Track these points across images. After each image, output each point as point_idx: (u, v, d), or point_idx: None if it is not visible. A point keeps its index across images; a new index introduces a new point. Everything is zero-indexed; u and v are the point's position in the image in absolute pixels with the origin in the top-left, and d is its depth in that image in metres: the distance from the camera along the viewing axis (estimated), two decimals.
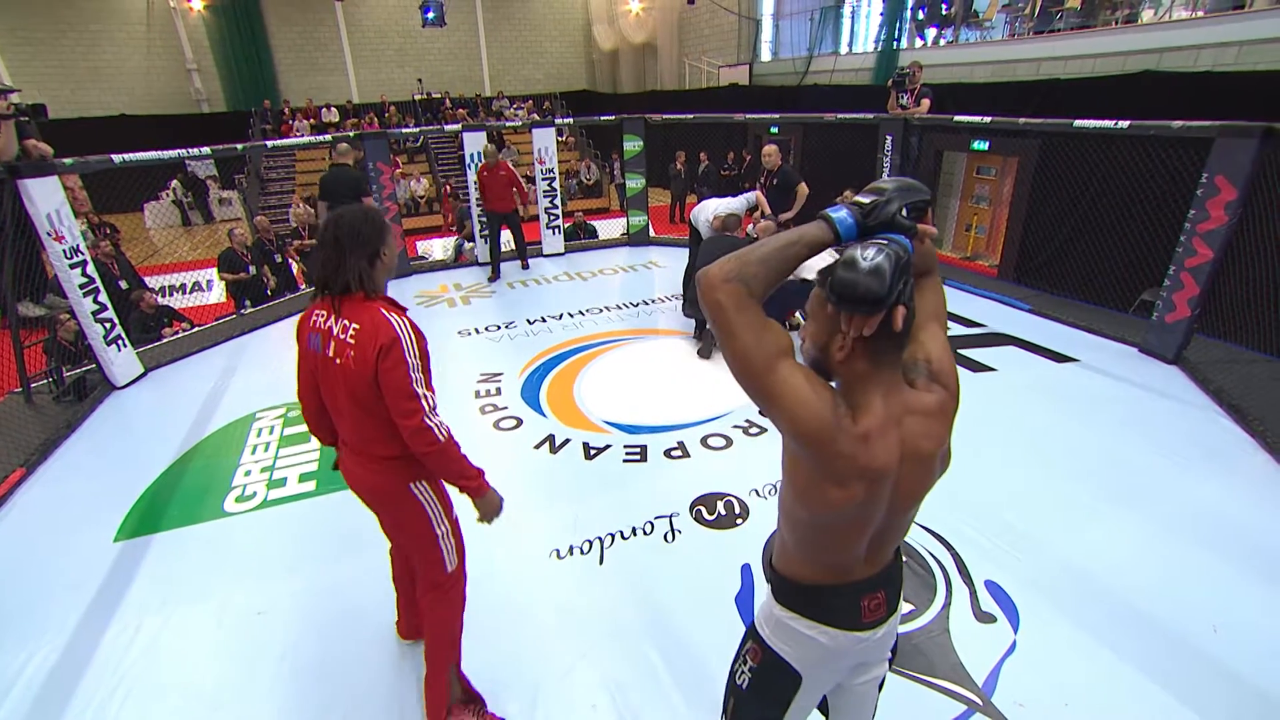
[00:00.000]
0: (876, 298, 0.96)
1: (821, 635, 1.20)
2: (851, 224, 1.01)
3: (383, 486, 1.81)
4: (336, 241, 1.64)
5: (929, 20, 10.26)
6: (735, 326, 1.01)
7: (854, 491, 1.04)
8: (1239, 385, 3.98)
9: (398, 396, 1.66)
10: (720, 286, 1.00)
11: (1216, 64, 6.38)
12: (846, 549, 1.15)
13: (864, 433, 1.02)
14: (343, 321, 1.67)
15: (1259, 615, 2.38)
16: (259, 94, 16.52)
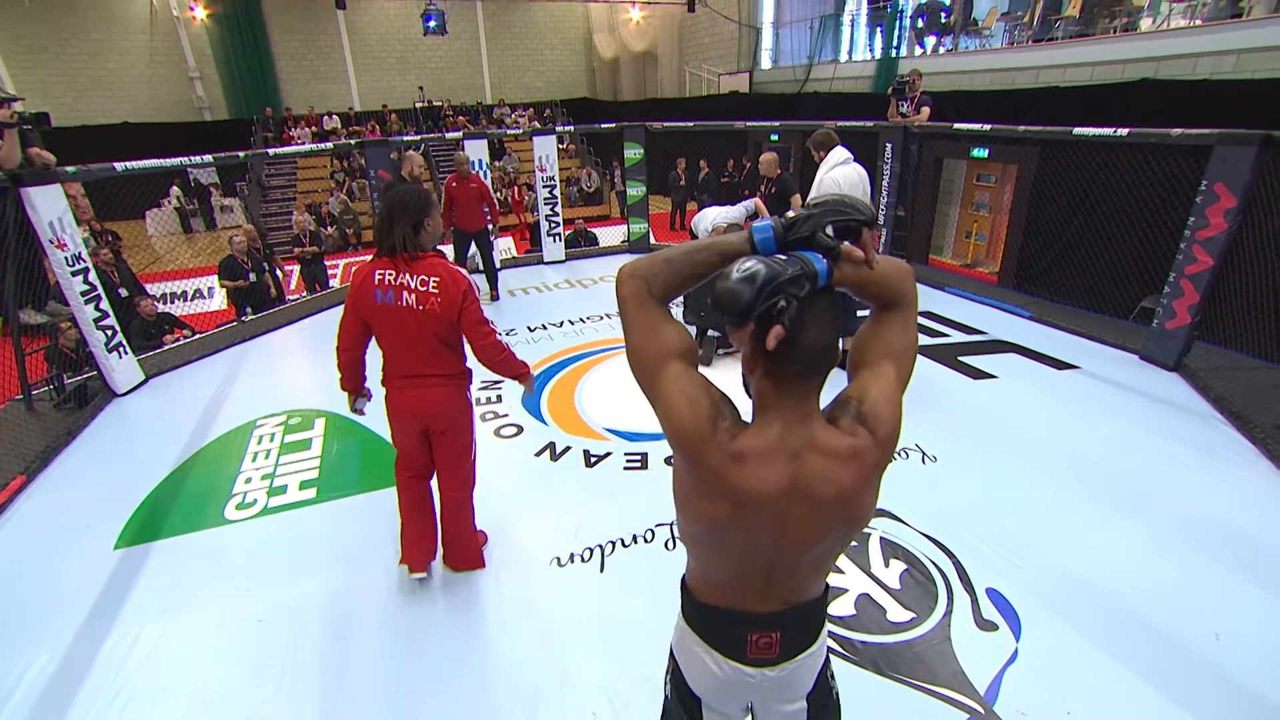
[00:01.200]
0: (736, 308, 0.91)
1: (707, 657, 1.17)
2: (769, 237, 0.97)
3: (454, 399, 2.39)
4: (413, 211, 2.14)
5: (928, 28, 10.31)
6: (630, 321, 1.04)
7: (720, 509, 1.02)
8: (1240, 392, 3.98)
9: (476, 324, 2.27)
10: (625, 281, 1.03)
11: (1215, 72, 6.40)
12: (728, 573, 1.11)
13: (738, 451, 0.98)
14: (420, 277, 2.17)
15: (1261, 623, 2.37)
16: (261, 102, 16.62)
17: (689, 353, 1.05)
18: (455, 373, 2.37)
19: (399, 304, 2.17)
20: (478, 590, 2.64)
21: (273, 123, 16.05)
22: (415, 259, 2.17)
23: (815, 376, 1.01)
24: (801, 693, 1.21)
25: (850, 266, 0.99)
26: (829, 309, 0.98)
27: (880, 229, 6.94)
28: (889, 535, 2.86)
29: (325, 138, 15.57)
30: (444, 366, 2.32)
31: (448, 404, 2.38)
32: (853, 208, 0.98)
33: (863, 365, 1.10)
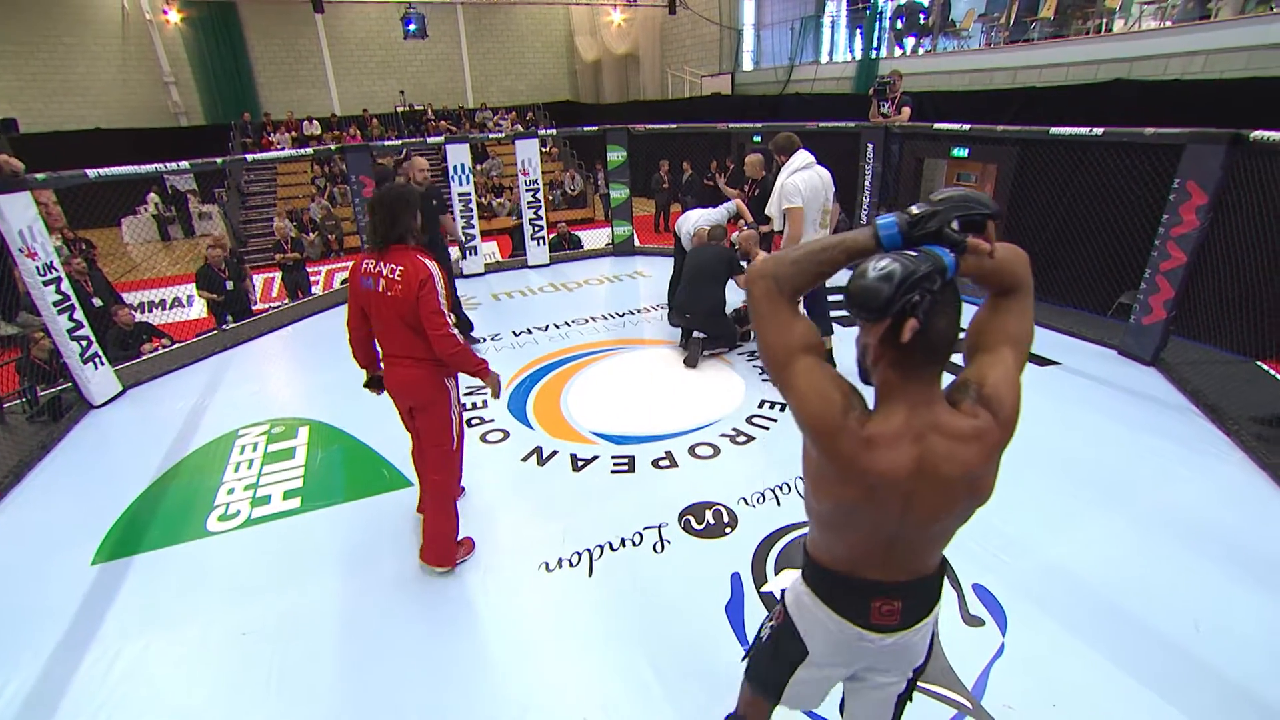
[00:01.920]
0: (874, 305, 0.97)
1: (829, 620, 1.25)
2: (896, 233, 1.02)
3: (425, 379, 2.53)
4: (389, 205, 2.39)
5: (907, 29, 10.43)
6: (762, 318, 1.10)
7: (851, 491, 1.09)
8: (1215, 386, 4.05)
9: (431, 318, 2.39)
10: (755, 281, 1.10)
11: (1185, 72, 6.54)
12: (855, 546, 1.19)
13: (869, 437, 1.05)
14: (390, 265, 2.39)
15: (1239, 612, 2.41)
16: (238, 107, 16.40)
17: (818, 347, 1.11)
18: (431, 358, 2.48)
19: (377, 289, 2.40)
20: (465, 597, 2.62)
21: (251, 128, 15.85)
22: (390, 250, 2.41)
23: (940, 363, 1.07)
24: (911, 664, 1.32)
25: (974, 258, 1.04)
26: (954, 299, 1.03)
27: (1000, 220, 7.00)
28: None
29: (305, 143, 15.41)
30: (416, 349, 2.48)
31: (420, 382, 2.55)
32: (977, 202, 1.02)
33: (981, 349, 1.15)
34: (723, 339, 4.88)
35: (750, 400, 4.16)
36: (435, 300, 2.39)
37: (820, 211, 4.05)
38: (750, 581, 2.63)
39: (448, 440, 2.64)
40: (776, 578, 2.64)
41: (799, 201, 3.91)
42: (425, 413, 2.60)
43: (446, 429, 2.63)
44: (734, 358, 4.87)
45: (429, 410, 2.59)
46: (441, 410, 2.60)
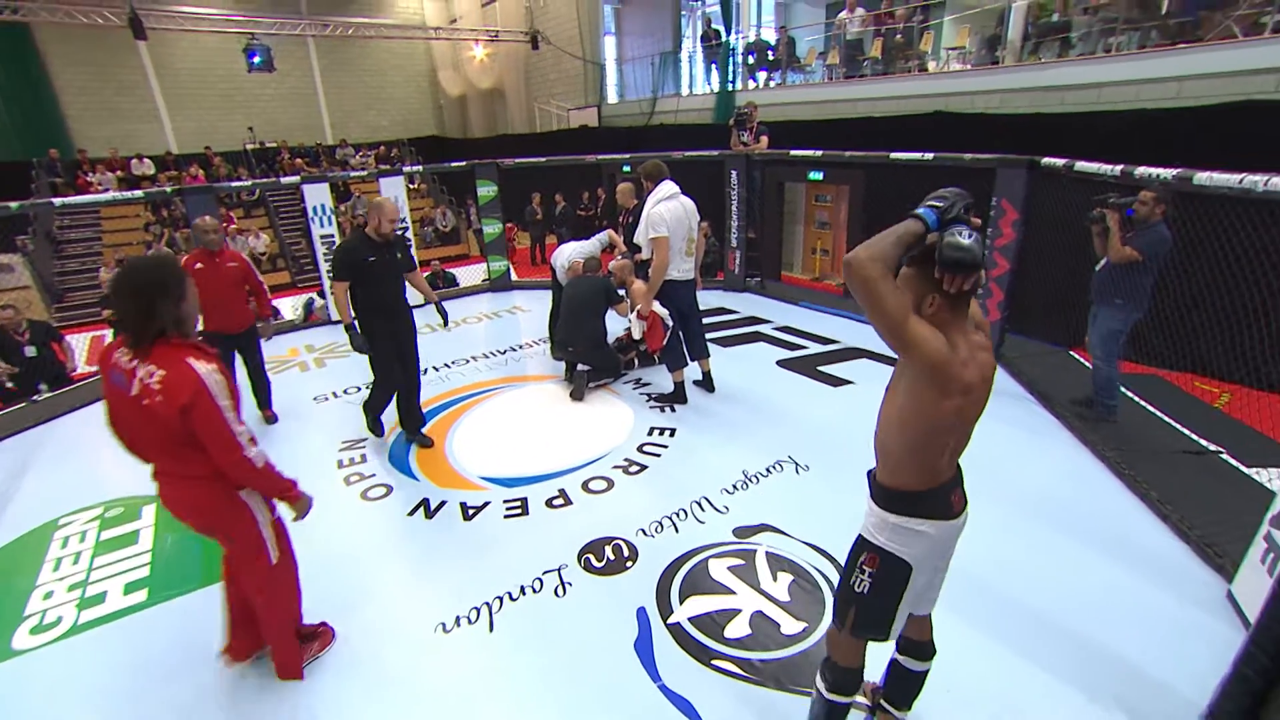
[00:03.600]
0: (978, 263, 1.40)
1: (930, 528, 1.59)
2: (935, 219, 1.42)
3: (210, 500, 2.01)
4: (138, 291, 1.81)
5: (759, 64, 11.21)
6: (882, 292, 1.37)
7: (956, 402, 1.47)
8: (1044, 375, 4.61)
9: (216, 441, 1.88)
10: (868, 264, 1.37)
11: (987, 108, 7.53)
12: (938, 458, 1.56)
13: (962, 359, 1.46)
14: (148, 366, 1.83)
15: (1083, 574, 2.71)
16: (43, 142, 14.31)
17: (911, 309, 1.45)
18: (212, 472, 1.95)
19: (128, 391, 1.84)
20: (357, 670, 2.36)
21: (61, 166, 13.93)
22: (148, 348, 1.83)
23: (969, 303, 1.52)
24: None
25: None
26: None
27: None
28: (774, 549, 2.95)
29: (136, 184, 13.84)
30: (191, 466, 1.93)
31: (202, 504, 2.02)
32: (967, 195, 1.45)
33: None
34: (607, 370, 4.87)
35: (640, 428, 4.17)
36: (217, 417, 1.85)
37: (685, 240, 4.18)
38: (656, 614, 2.59)
39: (262, 558, 2.13)
40: (682, 606, 2.62)
41: (664, 231, 4.02)
42: (227, 536, 2.11)
43: (257, 548, 2.12)
44: (620, 387, 4.87)
45: (229, 533, 2.10)
46: (243, 530, 2.08)
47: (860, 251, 1.38)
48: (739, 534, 3.07)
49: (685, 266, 4.25)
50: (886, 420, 1.60)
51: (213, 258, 4.13)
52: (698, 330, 4.51)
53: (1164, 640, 2.37)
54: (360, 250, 3.63)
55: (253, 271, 4.34)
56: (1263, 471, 3.34)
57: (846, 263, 1.38)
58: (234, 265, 4.22)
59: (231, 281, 4.20)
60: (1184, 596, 2.59)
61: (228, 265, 4.19)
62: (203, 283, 3.70)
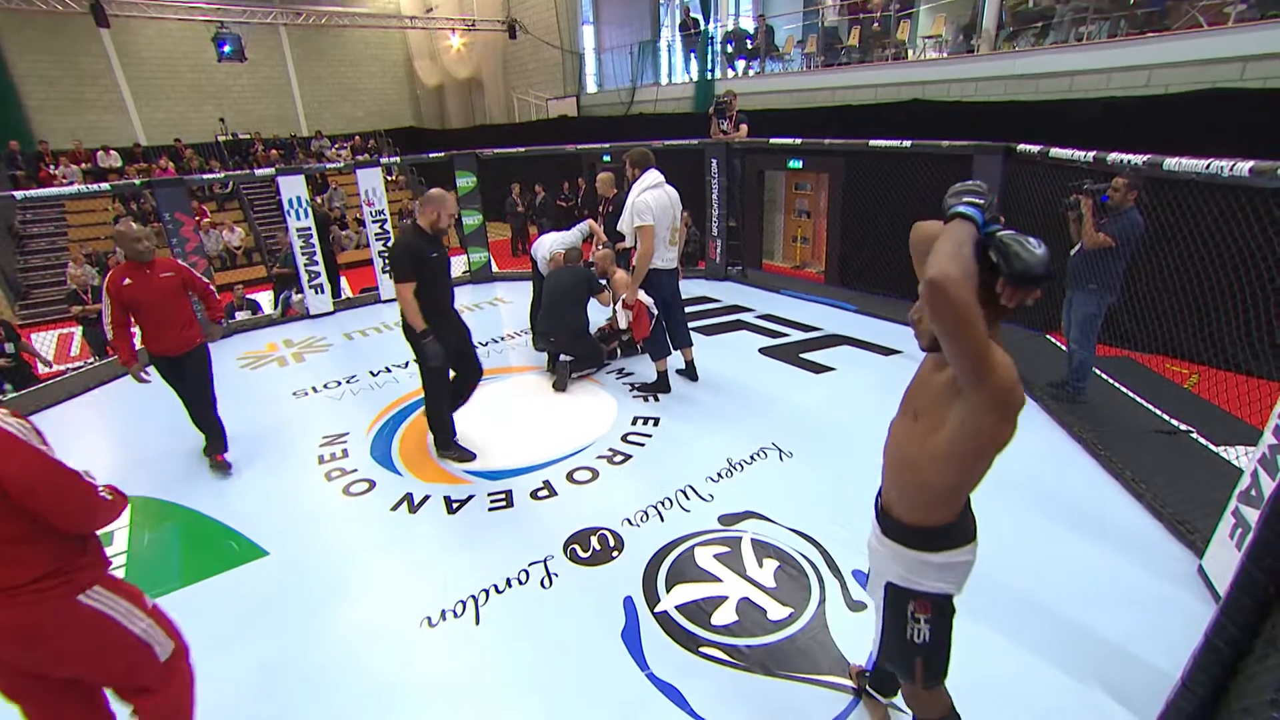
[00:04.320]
0: (1052, 276, 1.26)
1: (971, 553, 1.51)
2: (982, 218, 1.27)
3: (45, 618, 1.46)
4: None
5: (737, 53, 11.19)
6: (976, 317, 1.17)
7: (1016, 423, 1.31)
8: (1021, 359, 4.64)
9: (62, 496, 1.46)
10: (963, 284, 1.16)
11: (963, 95, 7.59)
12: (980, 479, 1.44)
13: (1019, 377, 1.29)
14: None
15: (1062, 552, 2.77)
16: (3, 134, 13.86)
17: None
18: (42, 575, 1.46)
19: None
20: (342, 669, 2.35)
21: (22, 159, 13.50)
22: None
23: None
24: None
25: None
26: None
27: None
28: (759, 535, 2.97)
29: (102, 177, 13.47)
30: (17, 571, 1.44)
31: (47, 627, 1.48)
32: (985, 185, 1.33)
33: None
34: (590, 359, 4.86)
35: (623, 418, 4.17)
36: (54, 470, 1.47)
37: (670, 229, 4.17)
38: (644, 603, 2.60)
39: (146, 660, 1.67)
40: (669, 595, 2.63)
41: (650, 219, 4.01)
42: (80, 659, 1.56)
43: (135, 650, 1.63)
44: (603, 377, 4.87)
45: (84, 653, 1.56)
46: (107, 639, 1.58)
47: (952, 269, 1.15)
48: (724, 521, 3.09)
49: (669, 255, 4.24)
50: (927, 458, 1.41)
51: (143, 270, 3.48)
52: (680, 319, 4.51)
53: (1139, 615, 2.43)
54: (422, 246, 3.34)
55: (193, 276, 3.72)
56: (1230, 449, 3.43)
57: (938, 286, 1.14)
58: (169, 275, 3.57)
59: (168, 294, 3.56)
60: (1158, 572, 2.66)
61: (161, 276, 3.54)
62: (135, 300, 3.48)
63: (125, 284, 3.45)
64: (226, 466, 3.77)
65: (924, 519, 1.48)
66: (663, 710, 2.13)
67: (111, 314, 3.48)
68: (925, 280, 1.17)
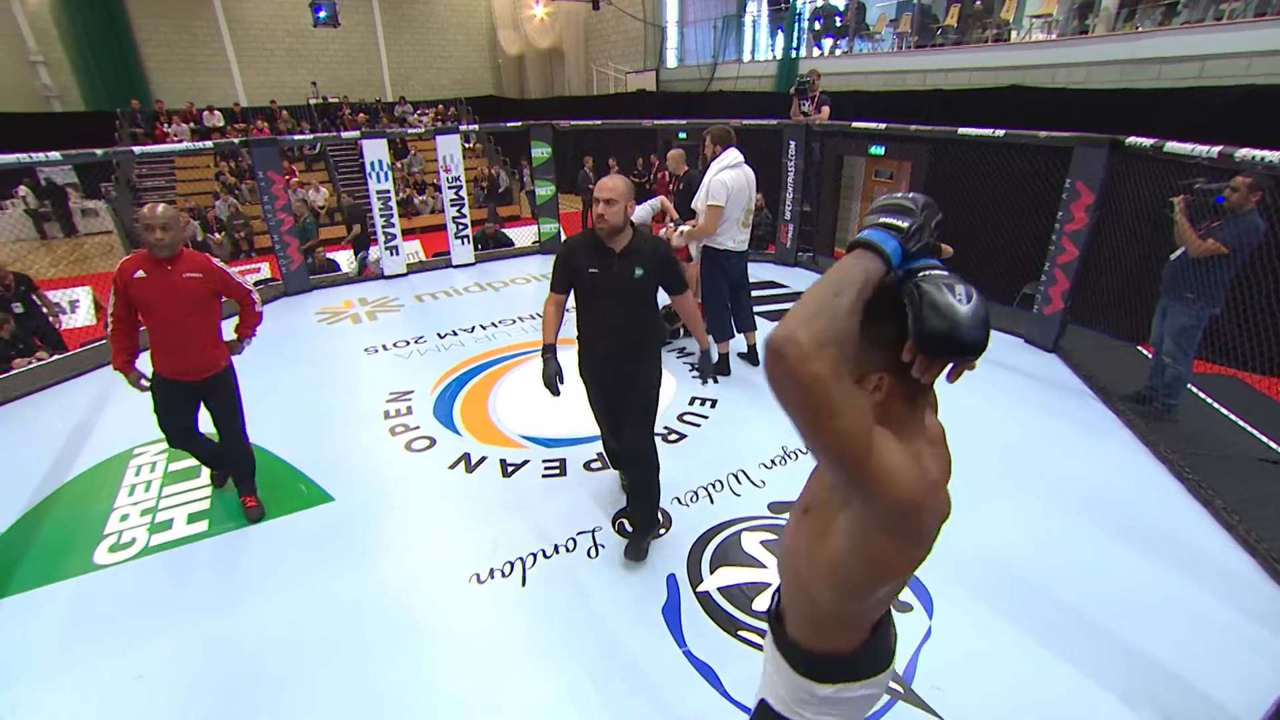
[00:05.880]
0: (981, 347, 0.86)
1: (872, 687, 1.15)
2: (899, 250, 0.88)
3: None
4: None
5: (825, 30, 10.76)
6: (838, 403, 0.80)
7: (930, 546, 0.97)
8: (1105, 370, 4.39)
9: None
10: (817, 354, 0.77)
11: (1069, 82, 7.05)
12: (892, 596, 1.07)
13: (935, 481, 0.94)
14: None
15: (1133, 579, 2.61)
16: (126, 93, 14.88)
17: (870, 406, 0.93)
18: None
19: None
20: (393, 615, 2.48)
21: (142, 117, 14.52)
22: None
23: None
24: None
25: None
26: None
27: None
28: None
29: (206, 135, 14.34)
30: None
31: None
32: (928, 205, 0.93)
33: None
34: None
35: (681, 398, 4.17)
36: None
37: (743, 211, 4.10)
38: (686, 582, 2.62)
39: None
40: (712, 576, 2.64)
41: (722, 200, 3.95)
42: None
43: None
44: (663, 355, 4.86)
45: None
46: None
47: (802, 332, 0.78)
48: (774, 509, 3.06)
49: (741, 237, 4.18)
50: (812, 570, 1.06)
51: (162, 265, 2.69)
52: (746, 303, 4.45)
53: (1214, 650, 2.27)
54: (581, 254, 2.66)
55: (230, 280, 2.90)
56: None
57: (775, 354, 0.79)
58: (194, 278, 2.75)
59: (191, 301, 2.76)
60: (1243, 609, 2.46)
61: (184, 277, 2.73)
62: (146, 302, 2.70)
63: (137, 277, 2.69)
64: (259, 512, 3.09)
65: (815, 643, 1.13)
66: (696, 687, 2.15)
67: (114, 305, 2.75)
68: (764, 344, 0.82)
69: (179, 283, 2.73)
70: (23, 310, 5.57)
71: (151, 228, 2.63)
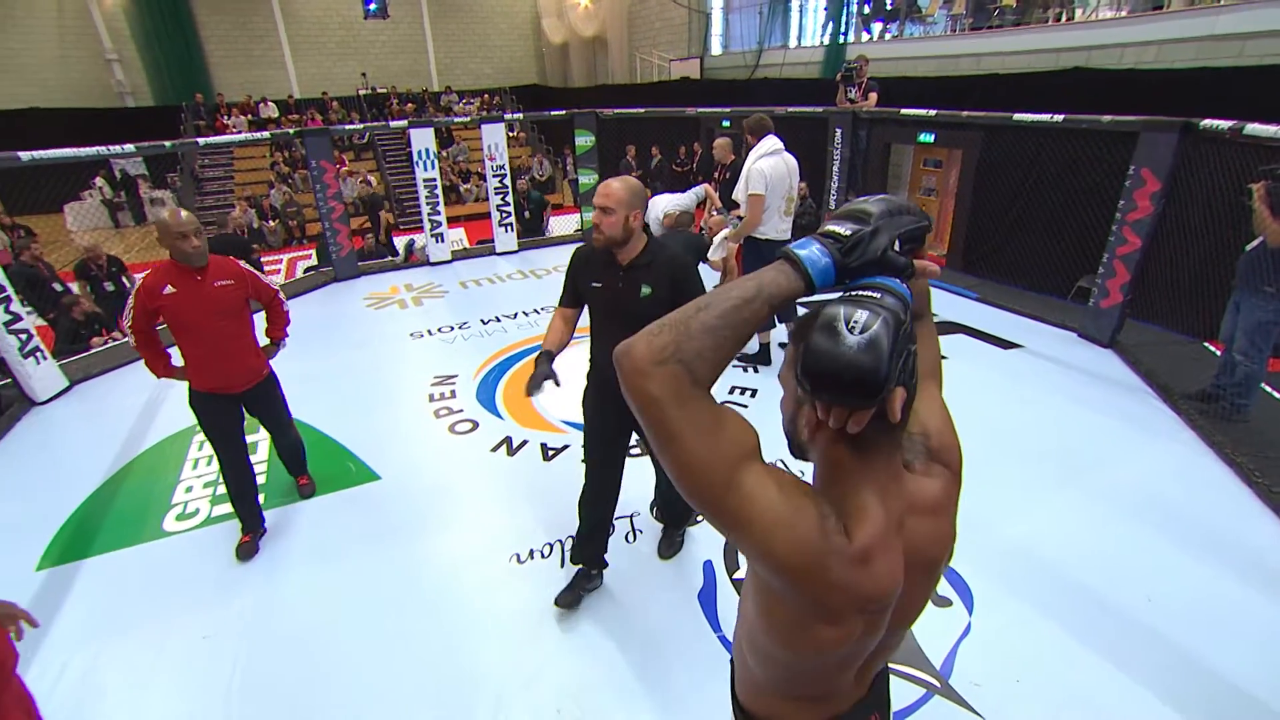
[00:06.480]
0: (870, 387, 0.68)
1: None
2: (828, 265, 0.73)
3: None
4: None
5: (874, 14, 10.47)
6: (677, 428, 0.71)
7: (852, 628, 0.79)
8: (1166, 366, 4.19)
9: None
10: (652, 372, 0.69)
11: (1139, 62, 6.69)
12: (832, 683, 0.92)
13: (862, 551, 0.75)
14: None
15: (1187, 583, 2.51)
16: (189, 87, 15.63)
17: (758, 446, 0.78)
18: None
19: None
20: (436, 590, 2.58)
21: (204, 110, 15.19)
22: None
23: (904, 429, 0.81)
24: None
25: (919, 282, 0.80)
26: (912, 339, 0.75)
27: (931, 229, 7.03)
28: None
29: (262, 126, 14.86)
30: None
31: None
32: (912, 213, 0.78)
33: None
34: None
35: (720, 386, 4.16)
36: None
37: (784, 199, 4.05)
38: (723, 569, 2.64)
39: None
40: None
41: (762, 188, 3.90)
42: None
43: None
44: None
45: None
46: None
47: (637, 343, 0.72)
48: None
49: (783, 226, 4.13)
50: (749, 620, 0.92)
51: (193, 276, 2.50)
52: None
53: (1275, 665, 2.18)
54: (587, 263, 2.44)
55: (260, 283, 2.77)
56: None
57: (615, 359, 0.73)
58: (227, 285, 2.58)
59: (227, 310, 2.60)
60: None
61: (217, 285, 2.55)
62: (181, 318, 2.50)
63: (168, 293, 2.47)
64: (310, 487, 3.22)
65: (751, 701, 0.99)
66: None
67: (134, 317, 2.51)
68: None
69: (212, 293, 2.53)
70: (113, 289, 6.00)
71: (185, 235, 2.40)
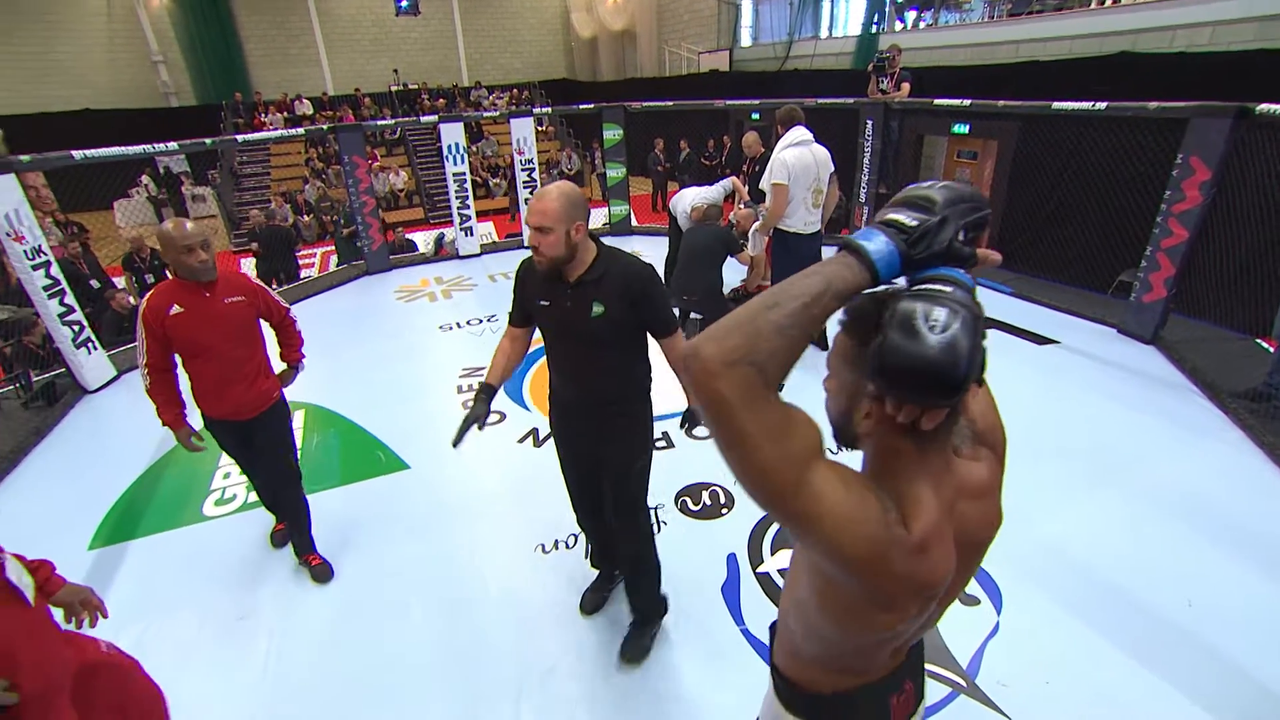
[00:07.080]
0: (950, 387, 0.68)
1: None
2: (893, 255, 0.72)
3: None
4: None
5: (909, 2, 10.24)
6: (748, 430, 0.70)
7: (907, 612, 0.83)
8: (1213, 364, 4.03)
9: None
10: (724, 374, 0.68)
11: (1191, 45, 6.41)
12: (876, 658, 0.96)
13: (921, 541, 0.77)
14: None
15: (1230, 588, 2.42)
16: (229, 86, 16.09)
17: (822, 441, 0.79)
18: None
19: None
20: (463, 580, 2.63)
21: (243, 108, 15.60)
22: None
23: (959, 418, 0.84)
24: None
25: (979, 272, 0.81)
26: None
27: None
28: None
29: (298, 123, 15.20)
30: None
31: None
32: (976, 201, 0.76)
33: None
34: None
35: None
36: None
37: (810, 190, 3.98)
38: (746, 561, 2.63)
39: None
40: (773, 558, 2.64)
41: (784, 178, 3.85)
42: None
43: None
44: None
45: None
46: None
47: (705, 345, 0.70)
48: None
49: (810, 219, 4.08)
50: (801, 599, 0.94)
51: (200, 293, 2.27)
52: None
53: None
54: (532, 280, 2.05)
55: (271, 300, 2.53)
56: None
57: (684, 363, 0.74)
58: (237, 301, 2.36)
59: (238, 330, 2.39)
60: None
61: (227, 303, 2.33)
62: (190, 340, 2.28)
63: (174, 314, 2.24)
64: (327, 570, 2.68)
65: (793, 670, 1.02)
66: (751, 663, 2.18)
67: (148, 352, 2.28)
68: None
69: (222, 311, 2.30)
70: (154, 281, 6.23)
71: (192, 248, 2.15)
